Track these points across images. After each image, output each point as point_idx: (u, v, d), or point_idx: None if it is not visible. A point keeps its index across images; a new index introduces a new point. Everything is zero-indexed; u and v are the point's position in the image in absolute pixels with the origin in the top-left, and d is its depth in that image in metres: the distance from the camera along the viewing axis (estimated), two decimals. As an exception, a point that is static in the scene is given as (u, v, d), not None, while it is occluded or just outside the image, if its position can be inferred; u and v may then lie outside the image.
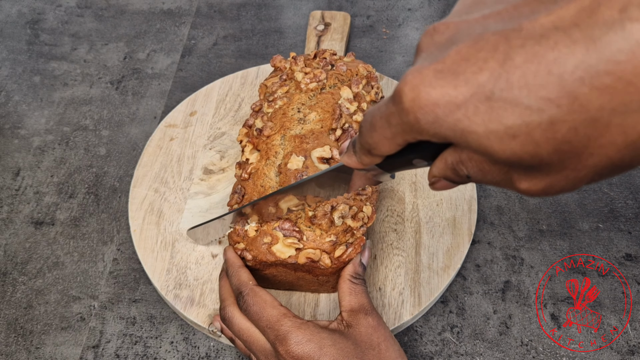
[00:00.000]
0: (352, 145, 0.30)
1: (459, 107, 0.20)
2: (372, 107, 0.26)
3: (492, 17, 0.21)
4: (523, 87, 0.18)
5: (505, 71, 0.19)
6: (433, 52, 0.22)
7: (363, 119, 0.26)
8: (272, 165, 0.49)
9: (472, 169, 0.23)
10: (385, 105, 0.23)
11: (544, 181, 0.21)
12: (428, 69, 0.21)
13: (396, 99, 0.22)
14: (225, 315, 0.45)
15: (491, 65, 0.19)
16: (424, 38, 0.23)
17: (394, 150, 0.25)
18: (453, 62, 0.20)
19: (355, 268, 0.45)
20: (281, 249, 0.45)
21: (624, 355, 0.50)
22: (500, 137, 0.19)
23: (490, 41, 0.19)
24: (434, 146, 0.25)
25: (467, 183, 0.26)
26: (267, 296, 0.43)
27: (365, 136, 0.26)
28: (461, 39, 0.21)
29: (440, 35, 0.22)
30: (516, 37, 0.19)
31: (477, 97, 0.19)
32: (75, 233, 0.58)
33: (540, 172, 0.21)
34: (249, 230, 0.46)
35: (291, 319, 0.41)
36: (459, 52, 0.20)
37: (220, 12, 0.85)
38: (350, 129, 0.50)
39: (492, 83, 0.19)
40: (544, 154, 0.19)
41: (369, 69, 0.57)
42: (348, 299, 0.44)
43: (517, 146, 0.19)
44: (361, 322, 0.42)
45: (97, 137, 0.67)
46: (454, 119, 0.20)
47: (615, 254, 0.56)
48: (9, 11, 0.84)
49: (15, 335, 0.51)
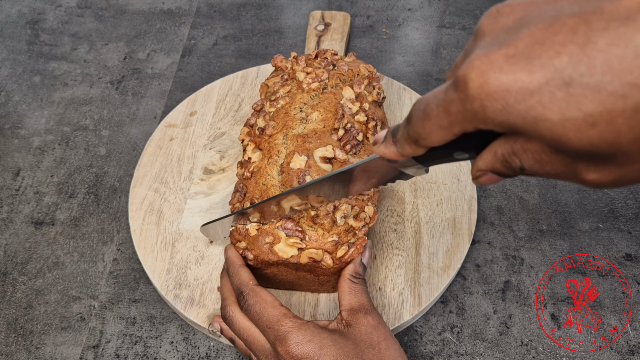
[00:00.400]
0: (391, 134, 0.29)
1: (533, 94, 0.19)
2: (425, 95, 0.24)
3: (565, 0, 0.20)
4: (607, 72, 0.18)
5: (586, 55, 0.18)
6: (499, 35, 0.21)
7: (414, 107, 0.25)
8: (274, 164, 0.49)
9: (528, 160, 0.22)
10: (443, 92, 0.22)
11: (615, 172, 0.20)
12: (497, 54, 0.20)
13: (460, 86, 0.21)
14: (226, 315, 0.45)
15: (570, 49, 0.18)
16: (485, 20, 0.22)
17: (446, 141, 0.24)
18: (526, 45, 0.19)
19: (356, 268, 0.45)
20: (283, 248, 0.45)
21: (624, 355, 0.50)
22: (578, 125, 0.19)
23: (567, 24, 0.19)
24: (481, 138, 0.24)
25: (518, 175, 0.25)
26: (267, 296, 0.43)
27: (416, 125, 0.25)
28: (532, 22, 0.20)
29: (506, 18, 0.22)
30: (598, 19, 0.18)
31: (554, 82, 0.19)
32: (75, 233, 0.58)
33: (613, 162, 0.20)
34: (250, 229, 0.46)
35: (291, 319, 0.41)
36: (532, 35, 0.19)
37: (220, 12, 0.85)
38: (353, 129, 0.50)
39: (572, 68, 0.18)
40: (624, 142, 0.19)
41: (370, 69, 0.57)
42: (348, 298, 0.44)
43: (595, 134, 0.19)
44: (361, 321, 0.42)
45: (97, 137, 0.67)
46: (526, 106, 0.19)
47: (615, 254, 0.56)
48: (9, 11, 0.84)
49: (15, 335, 0.51)
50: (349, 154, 0.49)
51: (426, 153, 0.27)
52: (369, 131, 0.51)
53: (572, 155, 0.21)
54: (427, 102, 0.24)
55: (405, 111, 0.66)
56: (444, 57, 0.78)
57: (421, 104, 0.24)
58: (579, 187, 0.62)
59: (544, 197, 0.61)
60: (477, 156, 0.25)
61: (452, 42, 0.80)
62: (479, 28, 0.23)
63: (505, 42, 0.20)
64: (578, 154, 0.20)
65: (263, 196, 0.48)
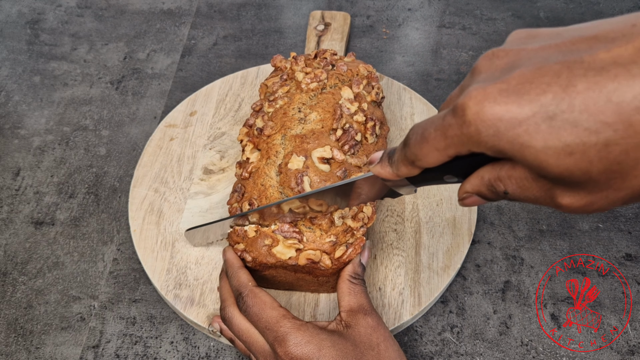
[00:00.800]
0: (387, 156, 0.32)
1: (521, 123, 0.22)
2: (421, 122, 0.28)
3: (552, 49, 0.24)
4: (584, 110, 0.21)
5: (567, 95, 0.21)
6: (494, 73, 0.25)
7: (411, 131, 0.28)
8: (272, 165, 0.49)
9: (512, 185, 0.26)
10: (441, 118, 0.26)
11: (586, 198, 0.23)
12: (493, 87, 0.23)
13: (458, 112, 0.24)
14: (225, 316, 0.45)
15: (555, 89, 0.22)
16: (482, 61, 0.26)
17: (440, 162, 0.27)
18: (517, 83, 0.23)
19: (355, 268, 0.45)
20: (281, 250, 0.45)
21: (624, 355, 0.50)
22: (557, 153, 0.22)
23: (553, 68, 0.22)
24: (469, 164, 0.27)
25: (501, 200, 0.28)
26: (266, 297, 0.43)
27: (414, 147, 0.28)
28: (523, 64, 0.23)
29: (500, 60, 0.25)
30: (578, 67, 0.21)
31: (539, 115, 0.22)
32: (75, 233, 0.58)
33: (584, 189, 0.23)
34: (249, 231, 0.46)
35: (290, 320, 0.41)
36: (523, 75, 0.23)
37: (220, 12, 0.85)
38: (351, 129, 0.50)
39: (555, 105, 0.21)
40: (595, 171, 0.22)
41: (369, 69, 0.57)
42: (347, 299, 0.44)
43: (571, 162, 0.22)
44: (360, 322, 0.42)
45: (97, 137, 0.67)
46: (514, 134, 0.22)
47: (615, 254, 0.56)
48: (9, 11, 0.84)
49: (15, 335, 0.51)
50: (347, 155, 0.49)
51: (419, 174, 0.30)
52: (368, 131, 0.51)
53: (551, 179, 0.24)
54: (424, 127, 0.27)
55: (405, 111, 0.66)
56: (444, 57, 0.78)
57: (419, 128, 0.27)
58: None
59: (544, 197, 0.61)
60: (465, 180, 0.28)
61: (452, 42, 0.80)
62: (475, 67, 0.26)
63: (499, 79, 0.23)
64: (556, 179, 0.23)
65: (261, 196, 0.48)
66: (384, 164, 0.33)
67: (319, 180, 0.47)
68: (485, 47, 0.79)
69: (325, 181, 0.47)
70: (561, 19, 0.83)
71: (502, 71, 0.24)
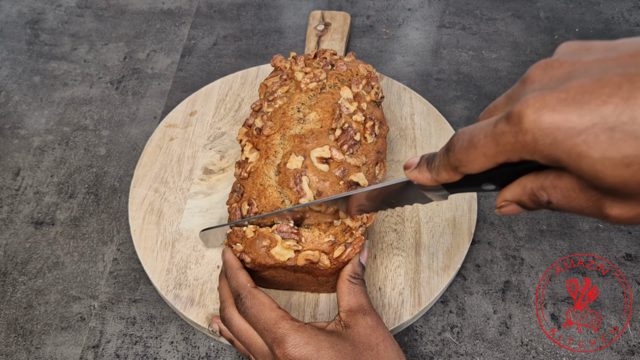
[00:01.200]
0: (426, 161, 0.33)
1: (580, 133, 0.22)
2: (467, 127, 0.28)
3: (610, 61, 0.24)
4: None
5: (629, 107, 0.22)
6: (549, 83, 0.25)
7: (457, 137, 0.28)
8: (271, 165, 0.49)
9: (556, 195, 0.26)
10: (492, 125, 0.26)
11: (637, 210, 0.24)
12: (551, 96, 0.23)
13: (513, 119, 0.24)
14: (224, 317, 0.45)
15: (615, 101, 0.22)
16: (535, 70, 0.26)
17: (485, 169, 0.27)
18: (577, 93, 0.23)
19: (354, 268, 0.45)
20: (280, 251, 0.45)
21: (624, 355, 0.50)
22: (615, 164, 0.22)
23: (614, 80, 0.22)
24: (511, 172, 0.27)
25: (541, 209, 0.28)
26: (265, 298, 0.43)
27: (459, 153, 0.28)
28: (581, 75, 0.24)
29: (555, 70, 0.25)
30: (639, 80, 0.22)
31: (599, 126, 0.22)
32: (75, 233, 0.58)
33: (636, 200, 0.24)
34: (247, 232, 0.46)
35: (289, 322, 0.41)
36: (582, 86, 0.23)
37: (220, 12, 0.85)
38: (350, 129, 0.50)
39: (616, 116, 0.22)
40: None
41: (369, 68, 0.57)
42: (347, 299, 0.44)
43: (628, 174, 0.22)
44: (359, 322, 0.42)
45: (97, 137, 0.67)
46: (572, 143, 0.23)
47: (615, 254, 0.56)
48: (9, 11, 0.84)
49: (15, 335, 0.51)
50: (346, 154, 0.49)
51: (458, 181, 0.30)
52: (367, 131, 0.51)
53: (603, 190, 0.24)
54: (472, 133, 0.27)
55: (405, 111, 0.66)
56: (444, 57, 0.78)
57: (465, 134, 0.28)
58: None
59: (544, 197, 0.61)
60: (504, 188, 0.29)
61: (452, 42, 0.80)
62: (527, 76, 0.26)
63: (557, 88, 0.24)
64: (608, 190, 0.24)
65: (260, 196, 0.48)
66: (422, 169, 0.33)
67: (318, 180, 0.47)
68: (485, 47, 0.79)
69: (324, 181, 0.47)
70: (561, 19, 0.83)
71: (558, 81, 0.24)
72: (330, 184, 0.47)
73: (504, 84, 0.74)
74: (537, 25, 0.82)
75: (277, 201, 0.47)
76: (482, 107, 0.71)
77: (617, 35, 0.81)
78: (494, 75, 0.75)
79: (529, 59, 0.77)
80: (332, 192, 0.46)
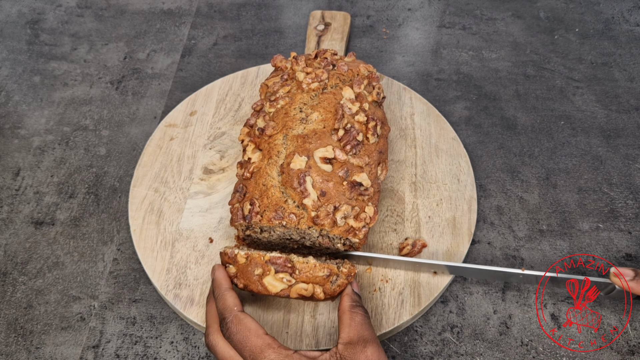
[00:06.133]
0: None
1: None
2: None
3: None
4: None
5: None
6: None
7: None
8: (274, 165, 0.49)
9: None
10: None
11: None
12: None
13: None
14: (209, 343, 0.43)
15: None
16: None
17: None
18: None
19: (351, 297, 0.44)
20: (272, 282, 0.45)
21: (624, 355, 0.50)
22: None
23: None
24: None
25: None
26: (251, 324, 0.41)
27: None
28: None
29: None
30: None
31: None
32: (75, 233, 0.58)
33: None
34: (239, 257, 0.46)
35: (275, 350, 0.39)
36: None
37: (220, 12, 0.85)
38: (353, 129, 0.50)
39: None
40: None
41: (370, 69, 0.57)
42: (347, 330, 0.42)
43: None
44: (358, 356, 0.40)
45: (97, 137, 0.67)
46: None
47: (615, 254, 0.56)
48: (9, 11, 0.84)
49: (15, 335, 0.51)
50: (349, 155, 0.49)
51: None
52: (369, 131, 0.51)
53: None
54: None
55: (405, 111, 0.66)
56: (444, 57, 0.78)
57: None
58: (578, 187, 0.62)
59: (544, 197, 0.61)
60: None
61: (452, 42, 0.80)
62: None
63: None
64: None
65: (262, 196, 0.48)
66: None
67: (321, 180, 0.47)
68: (485, 47, 0.79)
69: (327, 181, 0.47)
70: (561, 19, 0.83)
71: None
72: (334, 184, 0.47)
73: (504, 84, 0.74)
74: (537, 25, 0.82)
75: (280, 201, 0.47)
76: (482, 107, 0.71)
77: (617, 35, 0.81)
78: (494, 75, 0.75)
79: (529, 59, 0.77)
80: (336, 192, 0.46)
